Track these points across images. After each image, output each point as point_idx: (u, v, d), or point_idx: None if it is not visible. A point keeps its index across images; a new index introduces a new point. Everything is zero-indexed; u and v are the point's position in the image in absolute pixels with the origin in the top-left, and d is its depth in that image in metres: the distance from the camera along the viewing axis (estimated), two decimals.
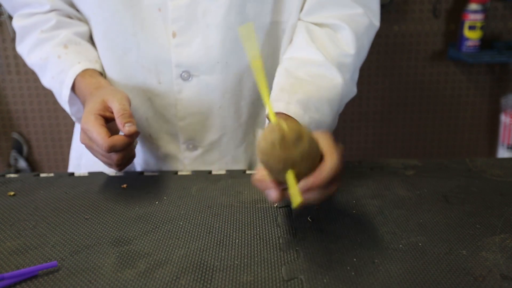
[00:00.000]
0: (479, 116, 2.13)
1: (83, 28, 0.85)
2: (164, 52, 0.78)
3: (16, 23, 0.86)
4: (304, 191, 0.52)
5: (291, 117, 0.70)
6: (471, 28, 1.89)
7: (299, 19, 0.80)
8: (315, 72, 0.76)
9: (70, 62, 0.81)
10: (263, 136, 0.52)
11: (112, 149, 0.68)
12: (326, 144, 0.55)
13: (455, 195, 0.68)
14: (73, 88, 0.81)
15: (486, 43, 1.96)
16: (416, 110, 2.11)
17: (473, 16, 1.88)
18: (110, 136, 0.68)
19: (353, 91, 0.81)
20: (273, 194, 0.54)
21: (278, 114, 0.70)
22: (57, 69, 0.82)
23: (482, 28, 1.90)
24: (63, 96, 0.82)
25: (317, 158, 0.53)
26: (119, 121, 0.69)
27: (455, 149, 2.16)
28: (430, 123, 2.13)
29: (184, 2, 0.75)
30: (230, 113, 0.83)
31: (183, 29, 0.76)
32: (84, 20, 0.86)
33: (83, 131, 0.71)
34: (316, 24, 0.79)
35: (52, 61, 0.82)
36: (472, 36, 1.90)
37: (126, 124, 0.69)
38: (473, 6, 1.88)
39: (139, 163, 0.89)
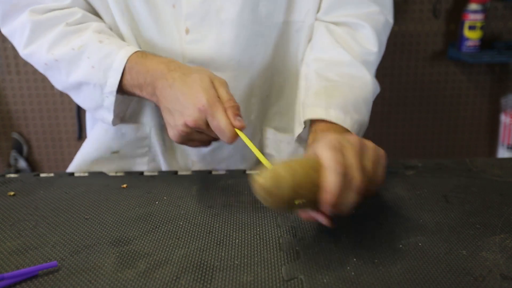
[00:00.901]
0: (479, 116, 2.13)
1: (106, 24, 0.78)
2: (177, 48, 0.78)
3: (30, 18, 0.74)
4: (328, 212, 0.53)
5: (333, 122, 0.69)
6: (471, 28, 1.89)
7: (316, 19, 0.80)
8: (345, 72, 0.76)
9: (117, 44, 0.73)
10: (256, 195, 0.53)
11: (234, 140, 0.64)
12: (322, 156, 0.53)
13: (455, 195, 0.68)
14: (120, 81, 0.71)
15: (486, 43, 1.96)
16: (416, 110, 2.11)
17: (473, 16, 1.88)
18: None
19: (378, 88, 0.81)
20: (321, 220, 0.55)
21: (318, 121, 0.70)
22: (100, 54, 0.72)
23: (482, 28, 1.90)
24: (108, 86, 0.72)
25: (318, 175, 0.53)
26: (230, 112, 0.64)
27: (455, 149, 2.16)
28: (430, 123, 2.13)
29: None
30: (241, 110, 0.83)
31: (197, 25, 0.76)
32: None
33: (203, 112, 0.63)
34: (334, 23, 0.80)
35: (92, 47, 0.73)
36: (472, 36, 1.90)
37: (237, 118, 0.64)
38: (473, 6, 1.88)
39: (148, 157, 0.88)
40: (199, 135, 0.67)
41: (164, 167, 0.88)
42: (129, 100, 0.80)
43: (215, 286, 0.49)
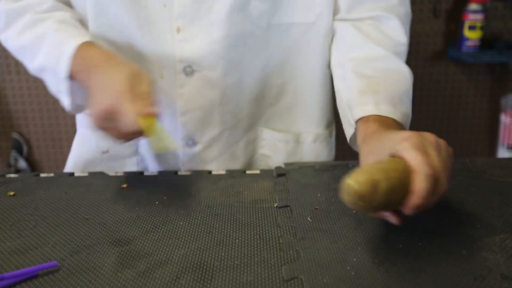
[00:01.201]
0: (479, 116, 2.13)
1: (77, 15, 0.82)
2: (168, 46, 0.78)
3: (4, 7, 0.81)
4: (407, 213, 0.54)
5: (383, 116, 0.69)
6: (471, 28, 1.89)
7: (339, 19, 0.80)
8: (381, 67, 0.76)
9: (71, 33, 0.77)
10: (345, 198, 0.52)
11: (137, 127, 0.66)
12: (409, 158, 0.53)
13: (455, 195, 0.68)
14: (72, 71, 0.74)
15: (486, 43, 1.96)
16: (416, 110, 2.10)
17: (473, 16, 1.88)
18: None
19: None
20: (391, 219, 0.56)
21: (369, 116, 0.69)
22: (55, 41, 0.76)
23: (482, 28, 1.90)
24: (59, 72, 0.75)
25: (407, 180, 0.52)
26: (140, 104, 0.67)
27: (455, 149, 2.15)
28: (430, 123, 2.13)
29: None
30: (230, 109, 0.83)
31: (188, 24, 0.77)
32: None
33: (115, 99, 0.67)
34: (359, 19, 0.79)
35: (49, 35, 0.77)
36: (472, 36, 1.90)
37: (147, 108, 0.67)
38: (473, 6, 1.88)
39: (137, 158, 0.89)
40: (112, 123, 0.68)
41: (152, 168, 0.89)
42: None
43: (215, 286, 0.49)
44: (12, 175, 0.78)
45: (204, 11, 0.76)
